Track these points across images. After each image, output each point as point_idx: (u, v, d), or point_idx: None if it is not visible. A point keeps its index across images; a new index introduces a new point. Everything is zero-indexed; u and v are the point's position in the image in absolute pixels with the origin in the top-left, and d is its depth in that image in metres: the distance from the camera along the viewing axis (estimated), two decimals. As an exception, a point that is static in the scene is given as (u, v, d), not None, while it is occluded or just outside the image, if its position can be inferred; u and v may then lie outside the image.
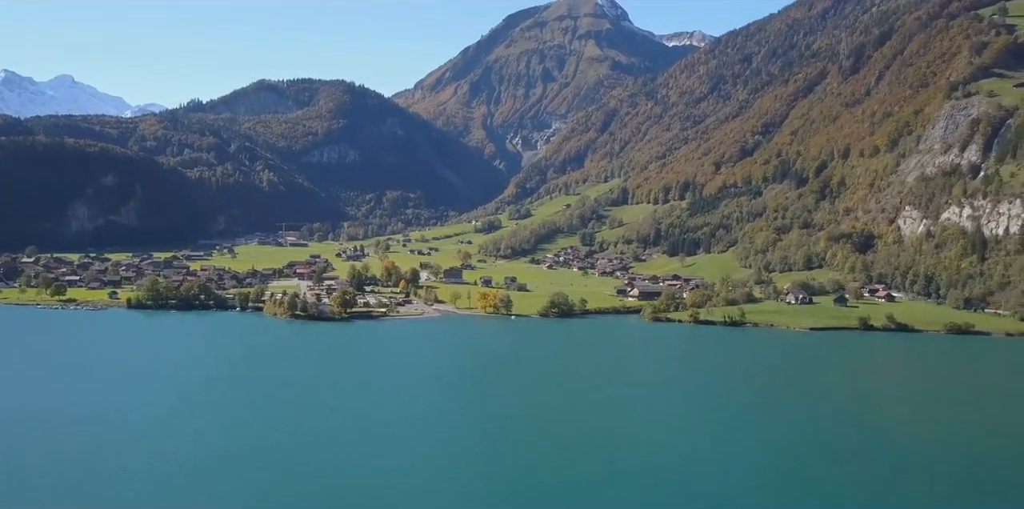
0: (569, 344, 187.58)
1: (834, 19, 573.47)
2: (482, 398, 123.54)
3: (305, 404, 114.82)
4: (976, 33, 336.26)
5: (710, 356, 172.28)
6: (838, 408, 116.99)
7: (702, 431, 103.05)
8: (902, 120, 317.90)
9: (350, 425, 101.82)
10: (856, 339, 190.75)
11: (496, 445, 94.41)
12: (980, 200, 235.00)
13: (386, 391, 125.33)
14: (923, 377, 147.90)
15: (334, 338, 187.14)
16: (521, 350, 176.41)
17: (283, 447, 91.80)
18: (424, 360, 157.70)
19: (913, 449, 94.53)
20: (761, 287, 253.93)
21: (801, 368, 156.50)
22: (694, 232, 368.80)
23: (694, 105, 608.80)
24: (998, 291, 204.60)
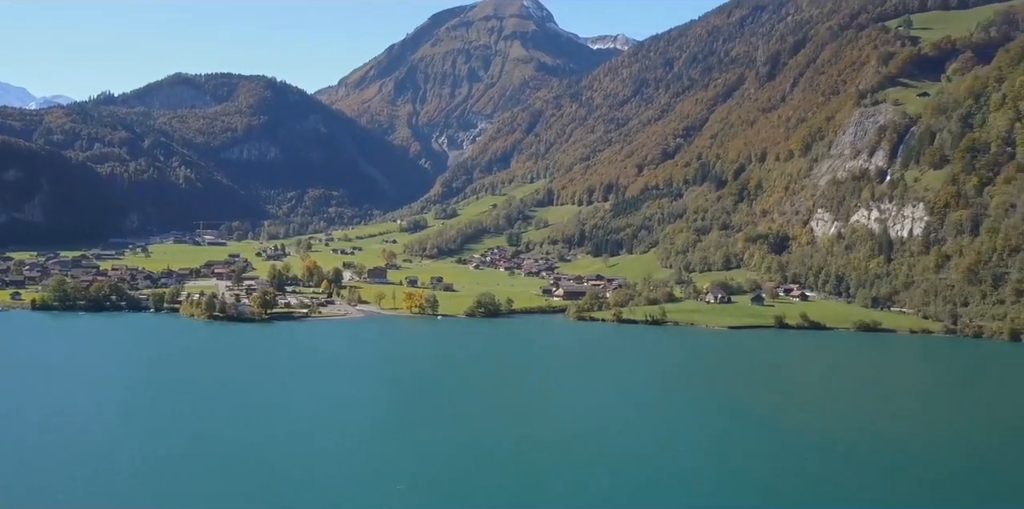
0: (494, 344, 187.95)
1: (752, 27, 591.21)
2: (402, 398, 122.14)
3: (217, 408, 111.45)
4: (883, 44, 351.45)
5: (632, 355, 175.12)
6: (755, 403, 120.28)
7: (622, 428, 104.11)
8: (815, 126, 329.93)
9: (263, 431, 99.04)
10: (772, 337, 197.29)
11: (405, 447, 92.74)
12: (886, 203, 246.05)
13: (304, 394, 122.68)
14: (834, 373, 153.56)
15: (253, 339, 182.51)
16: (446, 350, 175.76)
17: (193, 453, 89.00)
18: (344, 361, 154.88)
19: (827, 442, 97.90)
20: (682, 287, 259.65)
21: (718, 365, 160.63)
22: (617, 233, 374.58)
23: (618, 108, 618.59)
24: (903, 290, 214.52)
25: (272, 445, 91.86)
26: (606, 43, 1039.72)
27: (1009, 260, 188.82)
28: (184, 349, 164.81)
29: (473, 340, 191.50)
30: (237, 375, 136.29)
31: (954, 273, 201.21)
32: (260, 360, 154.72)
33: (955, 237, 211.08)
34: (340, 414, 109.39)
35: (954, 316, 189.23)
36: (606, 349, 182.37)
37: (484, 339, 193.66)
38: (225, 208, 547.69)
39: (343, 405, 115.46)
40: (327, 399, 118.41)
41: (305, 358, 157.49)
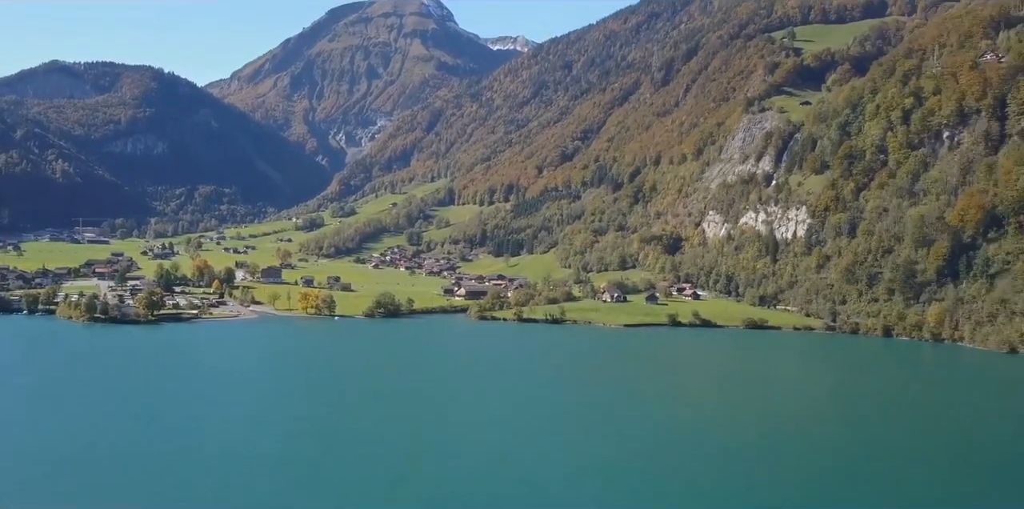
0: (392, 344, 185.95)
1: (647, 33, 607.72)
2: (294, 400, 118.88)
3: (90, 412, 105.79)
4: (769, 54, 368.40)
5: (531, 353, 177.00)
6: (646, 398, 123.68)
7: (515, 425, 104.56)
8: (706, 131, 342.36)
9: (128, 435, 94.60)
10: (665, 334, 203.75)
11: (289, 450, 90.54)
12: (772, 206, 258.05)
13: (189, 396, 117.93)
14: (724, 368, 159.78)
15: (136, 342, 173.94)
16: (340, 350, 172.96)
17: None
18: (232, 363, 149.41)
19: (716, 434, 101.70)
20: (580, 286, 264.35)
21: (614, 361, 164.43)
22: (518, 233, 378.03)
23: (518, 109, 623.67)
24: (787, 289, 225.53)
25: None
26: (506, 44, 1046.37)
27: (882, 261, 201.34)
28: (53, 352, 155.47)
29: (368, 340, 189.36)
30: (106, 379, 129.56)
31: (833, 273, 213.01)
32: (134, 363, 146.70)
33: (834, 239, 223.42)
34: (218, 421, 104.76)
35: (833, 314, 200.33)
36: (505, 349, 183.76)
37: (380, 339, 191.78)
38: (108, 204, 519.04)
39: (222, 412, 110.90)
40: (201, 406, 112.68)
41: (185, 361, 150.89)
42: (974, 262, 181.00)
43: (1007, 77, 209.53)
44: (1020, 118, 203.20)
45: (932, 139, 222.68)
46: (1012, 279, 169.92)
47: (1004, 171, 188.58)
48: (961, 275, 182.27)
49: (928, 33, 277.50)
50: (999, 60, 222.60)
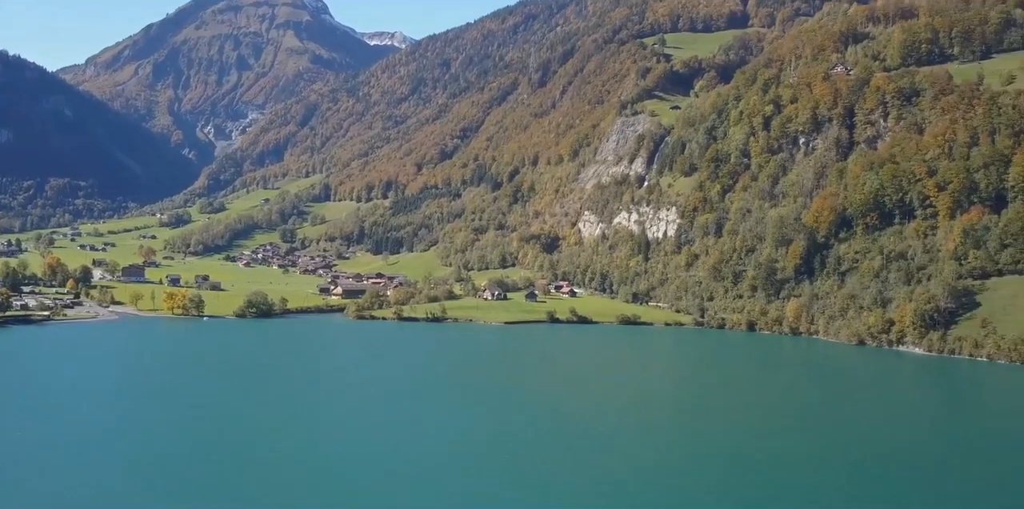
0: (264, 345, 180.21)
1: (524, 34, 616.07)
2: (146, 405, 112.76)
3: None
4: (641, 59, 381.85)
5: (410, 351, 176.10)
6: (528, 393, 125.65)
7: (381, 426, 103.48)
8: (582, 132, 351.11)
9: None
10: (544, 331, 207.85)
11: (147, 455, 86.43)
12: (644, 207, 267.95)
13: (37, 401, 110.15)
14: (599, 363, 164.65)
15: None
16: (205, 352, 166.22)
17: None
18: (82, 367, 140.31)
19: (595, 429, 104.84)
20: (461, 284, 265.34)
21: (494, 358, 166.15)
22: (397, 231, 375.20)
23: (395, 105, 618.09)
24: (658, 286, 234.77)
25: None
26: (383, 39, 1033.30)
27: (746, 259, 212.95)
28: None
29: (237, 341, 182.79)
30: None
31: (701, 271, 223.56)
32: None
33: (702, 238, 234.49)
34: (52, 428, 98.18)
35: (702, 309, 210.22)
36: (383, 347, 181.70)
37: (251, 340, 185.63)
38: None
39: (64, 414, 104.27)
40: (49, 412, 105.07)
41: (31, 365, 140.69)
42: (827, 260, 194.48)
43: (855, 88, 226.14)
44: (866, 127, 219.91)
45: (790, 145, 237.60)
46: (860, 276, 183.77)
47: (853, 176, 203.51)
48: (816, 273, 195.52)
49: (785, 45, 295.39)
50: (848, 72, 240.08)
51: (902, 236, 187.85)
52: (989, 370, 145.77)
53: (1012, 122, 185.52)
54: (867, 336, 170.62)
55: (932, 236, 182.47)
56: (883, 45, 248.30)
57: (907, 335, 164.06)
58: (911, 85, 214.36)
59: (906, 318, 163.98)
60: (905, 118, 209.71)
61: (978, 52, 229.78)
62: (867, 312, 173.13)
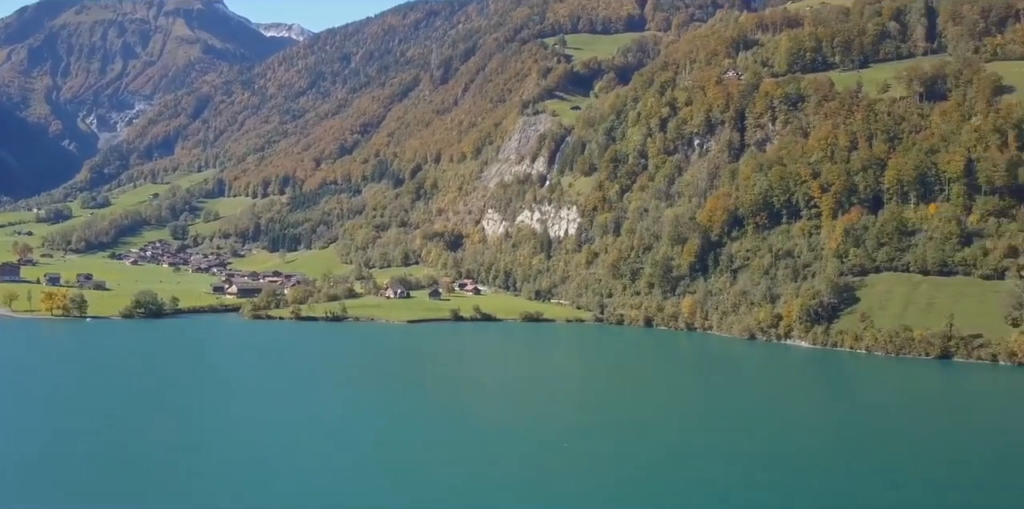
0: (149, 345, 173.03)
1: (426, 31, 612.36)
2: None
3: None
4: (542, 59, 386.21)
5: (305, 351, 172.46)
6: (425, 392, 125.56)
7: (270, 426, 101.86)
8: (484, 131, 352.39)
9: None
10: (448, 329, 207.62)
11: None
12: (547, 206, 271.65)
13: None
14: (500, 359, 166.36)
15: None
16: (80, 353, 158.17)
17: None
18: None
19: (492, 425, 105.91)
20: (362, 283, 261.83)
21: (392, 357, 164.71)
22: (295, 228, 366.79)
23: (293, 99, 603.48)
24: (560, 284, 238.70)
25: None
26: (280, 31, 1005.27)
27: (644, 257, 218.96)
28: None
29: (119, 343, 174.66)
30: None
31: (601, 268, 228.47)
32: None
33: (602, 237, 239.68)
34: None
35: (601, 306, 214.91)
36: (280, 347, 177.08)
37: (134, 341, 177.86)
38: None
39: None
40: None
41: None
42: (720, 258, 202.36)
43: (745, 93, 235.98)
44: (756, 130, 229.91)
45: (685, 146, 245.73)
46: (751, 273, 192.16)
47: (743, 177, 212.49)
48: (710, 270, 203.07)
49: (681, 49, 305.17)
50: (739, 77, 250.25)
51: (789, 235, 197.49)
52: (866, 361, 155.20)
53: (887, 128, 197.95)
54: (757, 331, 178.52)
55: (816, 235, 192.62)
56: (771, 52, 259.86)
57: (794, 329, 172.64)
58: (797, 91, 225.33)
59: (793, 313, 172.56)
60: (791, 122, 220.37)
61: (857, 61, 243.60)
62: (757, 308, 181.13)
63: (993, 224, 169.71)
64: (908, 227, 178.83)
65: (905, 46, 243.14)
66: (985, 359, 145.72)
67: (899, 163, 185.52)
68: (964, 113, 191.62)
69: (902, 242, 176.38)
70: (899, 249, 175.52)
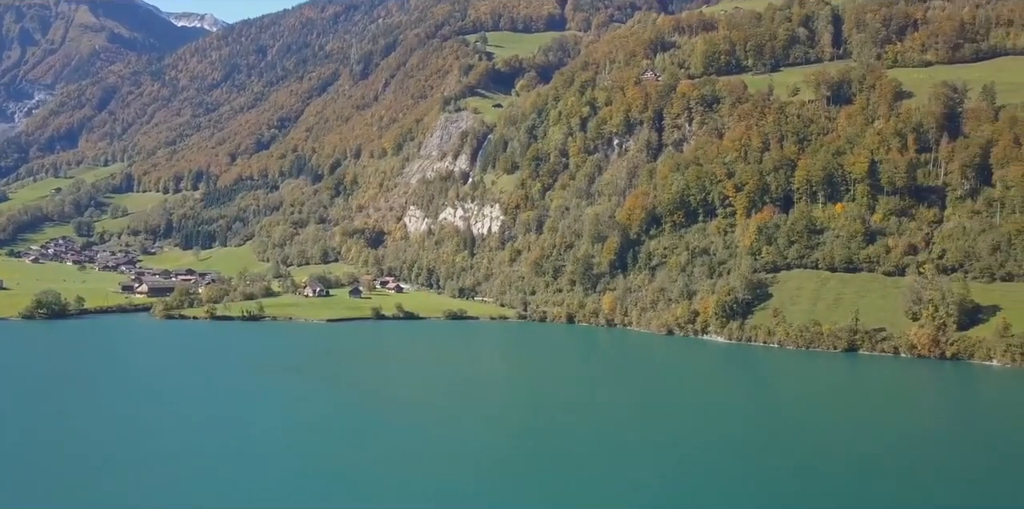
0: (49, 347, 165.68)
1: (345, 24, 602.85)
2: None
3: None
4: (464, 56, 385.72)
5: (222, 351, 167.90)
6: (348, 393, 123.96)
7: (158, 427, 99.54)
8: (406, 127, 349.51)
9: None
10: (369, 327, 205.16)
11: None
12: (469, 203, 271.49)
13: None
14: (421, 357, 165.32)
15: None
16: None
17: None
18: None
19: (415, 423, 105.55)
20: (280, 281, 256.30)
21: (314, 357, 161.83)
22: (210, 224, 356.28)
23: (206, 91, 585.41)
24: (484, 281, 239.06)
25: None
26: (192, 21, 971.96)
27: (565, 255, 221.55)
28: None
29: (15, 344, 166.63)
30: None
31: (524, 266, 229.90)
32: None
33: (524, 235, 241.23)
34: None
35: (525, 303, 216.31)
36: (191, 347, 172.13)
37: (31, 342, 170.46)
38: None
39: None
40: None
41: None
42: (639, 256, 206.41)
43: (663, 94, 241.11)
44: (674, 130, 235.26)
45: (605, 145, 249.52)
46: (668, 271, 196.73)
47: (661, 176, 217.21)
48: (629, 267, 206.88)
49: (600, 49, 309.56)
50: (657, 78, 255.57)
51: (705, 233, 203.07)
52: (778, 355, 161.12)
53: (797, 130, 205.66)
54: (675, 326, 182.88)
55: (731, 233, 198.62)
56: (688, 54, 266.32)
57: (710, 325, 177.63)
58: (712, 93, 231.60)
59: (709, 309, 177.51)
60: (707, 123, 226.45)
61: (769, 65, 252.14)
62: (675, 304, 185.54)
63: (895, 223, 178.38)
64: (816, 226, 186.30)
65: (813, 51, 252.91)
66: (888, 352, 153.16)
67: (808, 164, 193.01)
68: (868, 117, 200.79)
69: (811, 240, 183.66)
70: (808, 247, 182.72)
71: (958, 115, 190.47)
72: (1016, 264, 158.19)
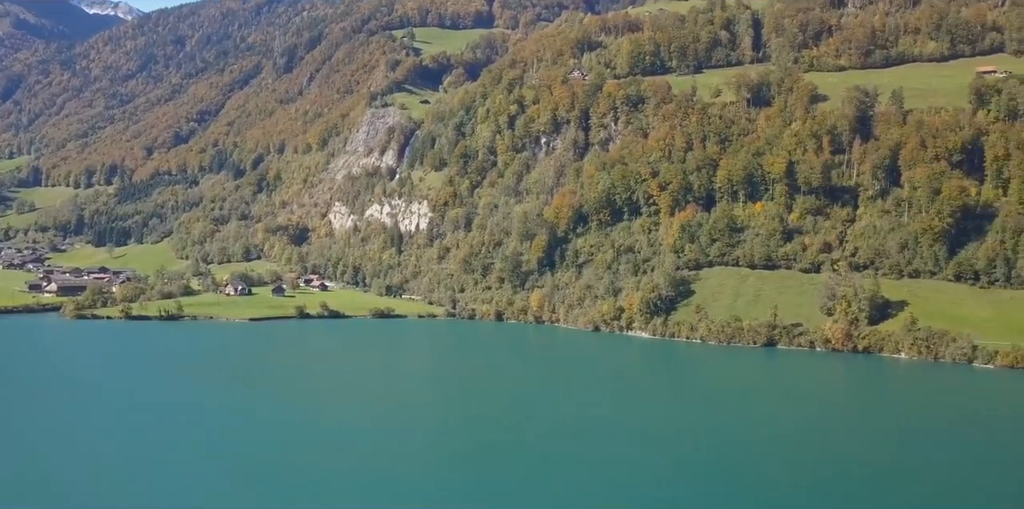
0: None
1: (268, 16, 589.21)
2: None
3: None
4: (391, 51, 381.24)
5: (138, 352, 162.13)
6: (269, 394, 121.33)
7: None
8: (331, 122, 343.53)
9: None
10: (293, 326, 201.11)
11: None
12: (397, 200, 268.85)
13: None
14: (352, 357, 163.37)
15: None
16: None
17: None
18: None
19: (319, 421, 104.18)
20: (200, 279, 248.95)
21: (235, 357, 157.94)
22: (124, 220, 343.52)
23: (121, 82, 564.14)
24: (411, 279, 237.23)
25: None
26: (105, 9, 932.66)
27: (494, 252, 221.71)
28: None
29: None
30: None
31: (453, 263, 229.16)
32: None
33: (453, 232, 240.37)
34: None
35: (453, 301, 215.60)
36: (104, 349, 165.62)
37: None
38: None
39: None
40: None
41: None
42: (566, 253, 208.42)
43: (590, 93, 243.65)
44: (600, 130, 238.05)
45: (533, 144, 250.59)
46: (595, 268, 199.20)
47: (588, 175, 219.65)
48: (557, 265, 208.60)
49: (528, 47, 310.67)
50: (583, 78, 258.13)
51: (630, 231, 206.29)
52: (701, 350, 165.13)
53: (719, 130, 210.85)
54: (601, 323, 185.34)
55: (655, 231, 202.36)
56: (614, 54, 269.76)
57: (635, 321, 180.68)
58: (637, 93, 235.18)
59: (634, 306, 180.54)
60: (632, 123, 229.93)
61: (692, 66, 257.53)
62: (601, 301, 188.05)
63: (811, 222, 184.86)
64: (737, 224, 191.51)
65: (735, 54, 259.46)
66: (804, 346, 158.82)
67: (729, 164, 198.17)
68: (786, 119, 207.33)
69: (732, 238, 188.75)
70: (729, 244, 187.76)
71: (869, 118, 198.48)
72: (922, 261, 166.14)
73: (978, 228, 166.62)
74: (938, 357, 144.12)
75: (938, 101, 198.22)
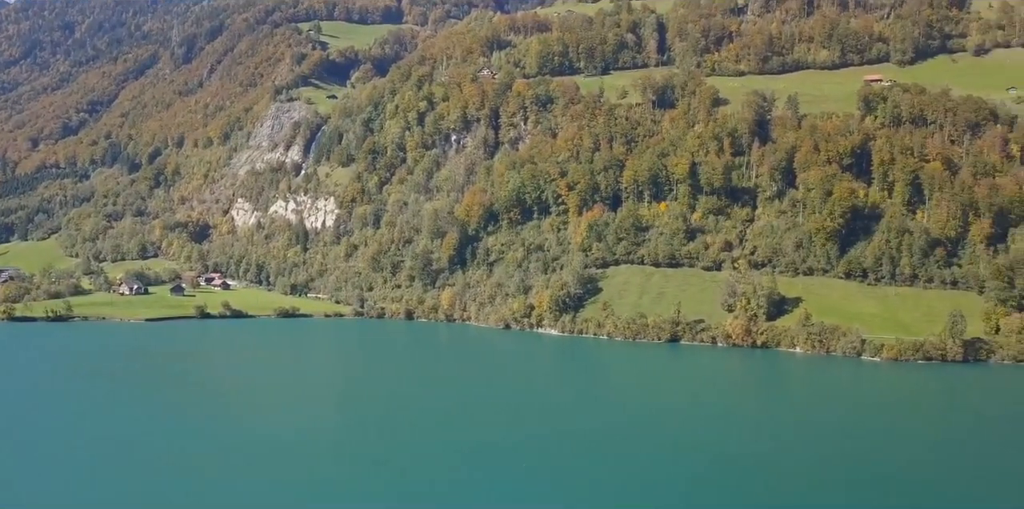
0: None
1: (165, 4, 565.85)
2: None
3: None
4: (296, 44, 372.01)
5: (18, 355, 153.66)
6: (164, 398, 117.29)
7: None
8: (234, 115, 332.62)
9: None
10: (193, 327, 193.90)
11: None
12: (302, 196, 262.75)
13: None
14: (253, 359, 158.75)
15: None
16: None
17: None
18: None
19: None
20: (91, 278, 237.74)
21: (126, 360, 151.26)
22: (7, 216, 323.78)
23: (2, 69, 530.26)
24: (318, 277, 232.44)
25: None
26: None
27: (404, 250, 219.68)
28: None
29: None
30: None
31: (361, 261, 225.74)
32: None
33: (361, 229, 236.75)
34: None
35: (362, 300, 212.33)
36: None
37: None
38: None
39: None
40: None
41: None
42: (477, 252, 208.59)
43: (499, 92, 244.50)
44: (510, 129, 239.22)
45: (443, 141, 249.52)
46: (506, 266, 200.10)
47: (498, 174, 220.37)
48: (468, 263, 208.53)
49: (438, 44, 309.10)
50: (493, 76, 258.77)
51: (540, 230, 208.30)
52: (608, 346, 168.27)
53: (626, 131, 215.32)
54: (512, 320, 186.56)
55: (564, 230, 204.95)
56: (523, 53, 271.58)
57: (545, 318, 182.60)
58: (546, 92, 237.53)
59: (543, 303, 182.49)
60: (541, 123, 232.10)
61: (599, 67, 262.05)
62: (512, 299, 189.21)
63: (712, 221, 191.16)
64: (643, 223, 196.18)
65: (640, 56, 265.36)
66: (707, 341, 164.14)
67: (635, 164, 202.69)
68: (689, 121, 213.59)
69: (638, 237, 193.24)
70: (635, 243, 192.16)
71: (767, 122, 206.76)
72: (816, 259, 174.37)
73: (866, 228, 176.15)
74: (830, 351, 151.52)
75: (830, 107, 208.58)
